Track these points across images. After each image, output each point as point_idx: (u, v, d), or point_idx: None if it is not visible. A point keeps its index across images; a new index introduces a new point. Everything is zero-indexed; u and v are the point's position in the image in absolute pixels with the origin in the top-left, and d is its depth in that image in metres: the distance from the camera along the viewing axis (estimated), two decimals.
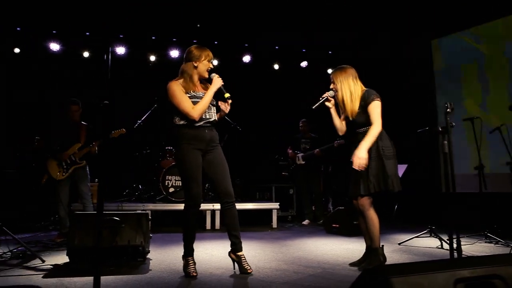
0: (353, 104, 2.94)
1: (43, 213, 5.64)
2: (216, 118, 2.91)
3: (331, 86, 3.06)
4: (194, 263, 2.76)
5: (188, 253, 2.79)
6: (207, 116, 2.82)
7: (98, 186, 4.42)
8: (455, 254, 2.35)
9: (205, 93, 2.81)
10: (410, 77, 6.92)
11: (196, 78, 2.85)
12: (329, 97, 3.07)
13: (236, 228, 2.84)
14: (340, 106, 3.08)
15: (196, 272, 2.69)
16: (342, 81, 2.97)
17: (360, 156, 2.75)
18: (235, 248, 2.84)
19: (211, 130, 2.85)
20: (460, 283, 1.05)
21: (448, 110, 2.26)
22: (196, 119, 2.71)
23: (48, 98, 6.69)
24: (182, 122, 2.77)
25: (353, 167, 2.78)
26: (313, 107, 3.04)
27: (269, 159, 7.37)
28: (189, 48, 2.85)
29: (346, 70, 3.00)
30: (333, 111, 3.13)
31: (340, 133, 3.15)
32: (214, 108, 2.90)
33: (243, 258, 2.81)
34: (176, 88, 2.75)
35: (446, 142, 2.15)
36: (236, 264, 2.84)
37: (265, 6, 6.42)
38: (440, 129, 2.23)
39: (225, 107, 2.89)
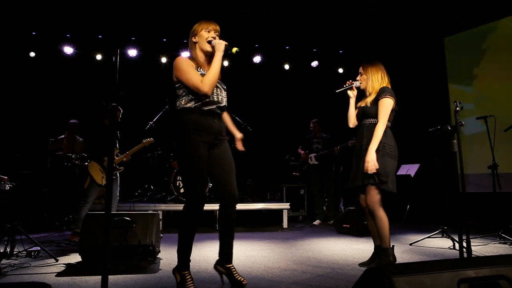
0: (370, 97, 2.98)
1: (57, 213, 5.74)
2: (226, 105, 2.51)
3: (358, 78, 3.10)
4: (192, 278, 2.30)
5: (185, 265, 2.32)
6: (219, 99, 2.41)
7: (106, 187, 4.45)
8: (465, 255, 2.31)
9: None
10: (423, 76, 6.84)
11: (200, 55, 2.45)
12: (354, 87, 3.10)
13: (232, 235, 2.49)
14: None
15: None
16: (372, 74, 3.01)
17: (369, 160, 2.77)
18: (227, 259, 2.46)
19: (219, 119, 2.46)
20: (464, 283, 1.04)
21: (457, 108, 2.23)
22: (208, 93, 2.29)
23: (60, 100, 6.83)
24: (189, 105, 2.34)
25: (366, 171, 2.77)
26: (337, 91, 3.08)
27: (280, 159, 7.37)
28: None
29: (377, 64, 3.05)
30: (352, 101, 3.15)
31: (351, 125, 3.16)
32: (225, 92, 2.51)
33: (234, 269, 2.45)
34: (184, 61, 2.36)
35: (455, 141, 2.12)
36: (225, 277, 2.49)
37: (275, 6, 6.43)
38: (450, 128, 2.20)
39: (240, 146, 2.76)
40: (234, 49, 2.40)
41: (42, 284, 1.00)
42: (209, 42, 2.41)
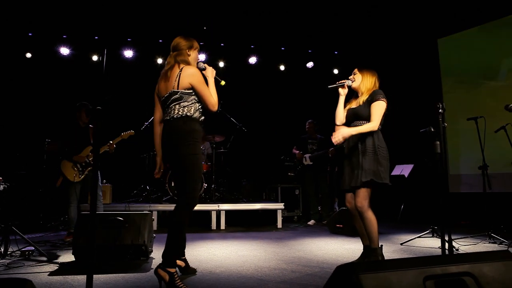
0: (362, 97, 3.03)
1: (53, 213, 5.79)
2: None
3: (351, 77, 3.14)
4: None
5: (175, 262, 2.44)
6: None
7: (93, 188, 4.50)
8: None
9: None
10: (417, 76, 6.89)
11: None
12: (346, 85, 3.14)
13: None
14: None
15: None
16: (366, 76, 3.07)
17: (343, 132, 2.82)
18: (183, 252, 2.78)
19: None
20: (430, 280, 1.08)
21: (440, 110, 2.27)
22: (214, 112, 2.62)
23: (57, 101, 6.86)
24: (196, 115, 2.55)
25: (331, 138, 2.83)
26: (329, 87, 3.14)
27: (275, 160, 7.42)
28: (177, 39, 2.67)
29: (372, 70, 3.12)
30: (342, 99, 3.18)
31: (338, 123, 3.17)
32: None
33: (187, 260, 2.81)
34: (201, 75, 2.57)
35: (438, 142, 2.16)
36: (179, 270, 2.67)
37: (270, 7, 6.47)
38: (432, 130, 2.24)
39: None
40: (223, 82, 2.74)
41: (23, 280, 1.04)
42: (200, 65, 2.69)
